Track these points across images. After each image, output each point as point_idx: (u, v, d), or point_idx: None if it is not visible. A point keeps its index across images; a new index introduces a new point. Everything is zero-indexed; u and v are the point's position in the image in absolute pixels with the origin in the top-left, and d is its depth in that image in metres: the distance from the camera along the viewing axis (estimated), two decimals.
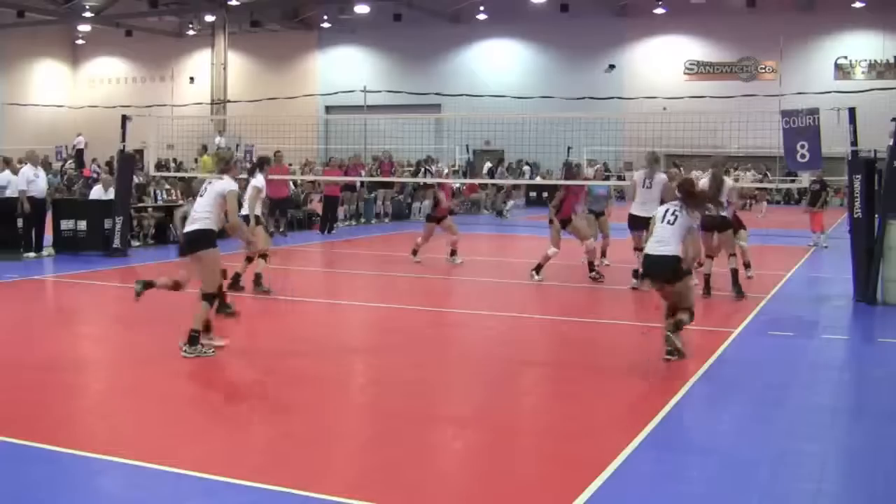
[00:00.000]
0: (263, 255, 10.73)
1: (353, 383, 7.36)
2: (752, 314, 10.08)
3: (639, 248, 10.72)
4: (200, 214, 7.56)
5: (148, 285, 7.80)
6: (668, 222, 7.58)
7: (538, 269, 12.23)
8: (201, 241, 7.49)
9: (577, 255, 13.32)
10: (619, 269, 13.52)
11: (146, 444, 5.39)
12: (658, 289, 7.81)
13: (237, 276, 10.86)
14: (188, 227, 7.60)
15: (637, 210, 11.28)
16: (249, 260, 10.86)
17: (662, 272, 7.56)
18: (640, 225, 10.80)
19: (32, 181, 14.37)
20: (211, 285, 7.58)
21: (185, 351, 7.45)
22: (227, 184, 7.60)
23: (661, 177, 11.47)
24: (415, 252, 13.95)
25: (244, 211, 10.02)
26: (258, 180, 10.59)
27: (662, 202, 9.63)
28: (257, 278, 10.85)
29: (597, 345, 8.43)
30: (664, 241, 7.54)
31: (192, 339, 7.47)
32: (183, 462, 5.02)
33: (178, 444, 5.44)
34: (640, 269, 8.25)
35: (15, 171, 14.70)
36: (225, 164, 7.88)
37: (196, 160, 28.95)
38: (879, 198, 10.94)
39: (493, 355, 8.32)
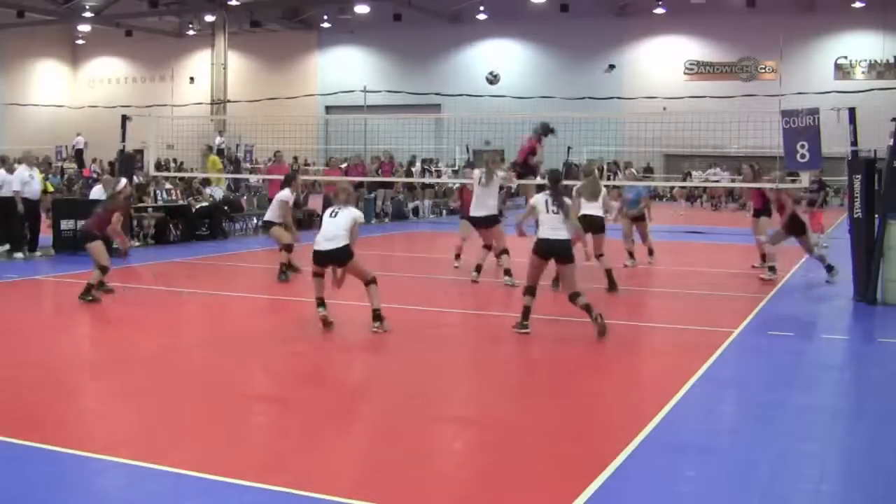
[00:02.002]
0: (288, 248, 12.19)
1: (353, 383, 7.36)
2: (752, 314, 10.08)
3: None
4: (339, 233, 8.89)
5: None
6: (553, 212, 8.67)
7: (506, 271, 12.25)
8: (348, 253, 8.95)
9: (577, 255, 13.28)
10: (619, 270, 13.52)
11: (146, 444, 5.39)
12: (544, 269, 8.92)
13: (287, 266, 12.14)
14: (334, 245, 8.84)
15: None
16: (289, 249, 12.21)
17: (562, 254, 8.65)
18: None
19: (27, 182, 14.41)
20: (366, 274, 9.12)
21: (375, 327, 8.82)
22: (357, 212, 9.20)
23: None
24: (457, 256, 13.60)
25: (269, 217, 12.49)
26: (285, 194, 12.28)
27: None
28: (282, 268, 12.09)
29: (597, 344, 8.42)
30: (558, 227, 8.63)
31: (377, 315, 8.89)
32: (183, 462, 5.02)
33: (177, 444, 5.44)
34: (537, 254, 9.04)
35: (11, 171, 14.71)
36: (349, 197, 9.41)
37: (179, 162, 28.92)
38: (879, 198, 10.94)
39: (494, 355, 8.33)
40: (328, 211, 9.11)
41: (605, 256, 11.69)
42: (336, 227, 8.83)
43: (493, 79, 18.36)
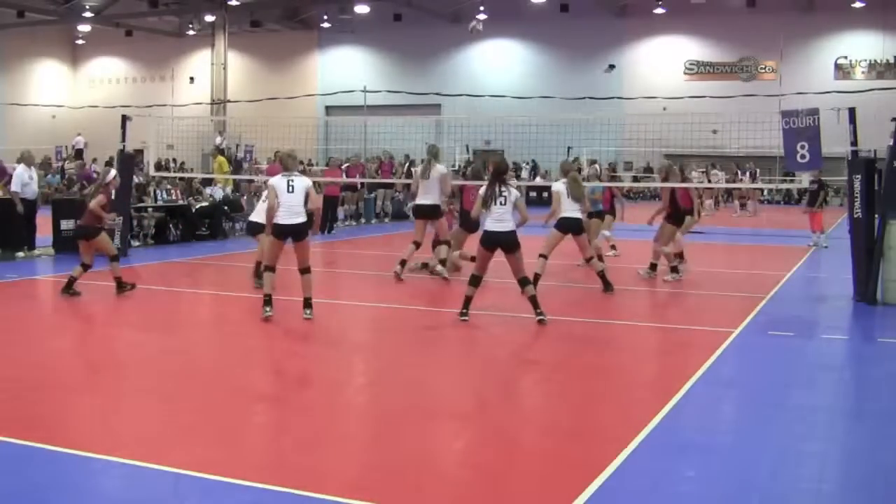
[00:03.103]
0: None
1: (353, 383, 7.36)
2: (752, 314, 10.08)
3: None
4: (300, 209, 9.03)
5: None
6: (501, 203, 8.97)
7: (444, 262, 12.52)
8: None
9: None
10: (623, 270, 13.52)
11: (146, 444, 5.39)
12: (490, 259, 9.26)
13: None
14: (297, 220, 9.00)
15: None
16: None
17: (508, 244, 8.97)
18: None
19: (27, 184, 14.45)
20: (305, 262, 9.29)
21: (308, 314, 9.08)
22: (307, 179, 9.28)
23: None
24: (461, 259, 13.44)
25: (257, 218, 11.48)
26: None
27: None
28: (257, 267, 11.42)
29: (597, 344, 8.43)
30: (503, 219, 8.96)
31: (308, 302, 9.18)
32: (183, 462, 5.02)
33: (177, 445, 5.44)
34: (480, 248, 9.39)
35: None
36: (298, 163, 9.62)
37: (178, 162, 28.79)
38: (879, 198, 10.94)
39: (493, 355, 8.33)
40: (285, 183, 9.10)
41: (595, 259, 11.61)
42: (297, 202, 9.07)
43: (475, 26, 18.48)
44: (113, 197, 11.59)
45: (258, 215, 11.38)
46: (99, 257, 10.95)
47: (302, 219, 9.06)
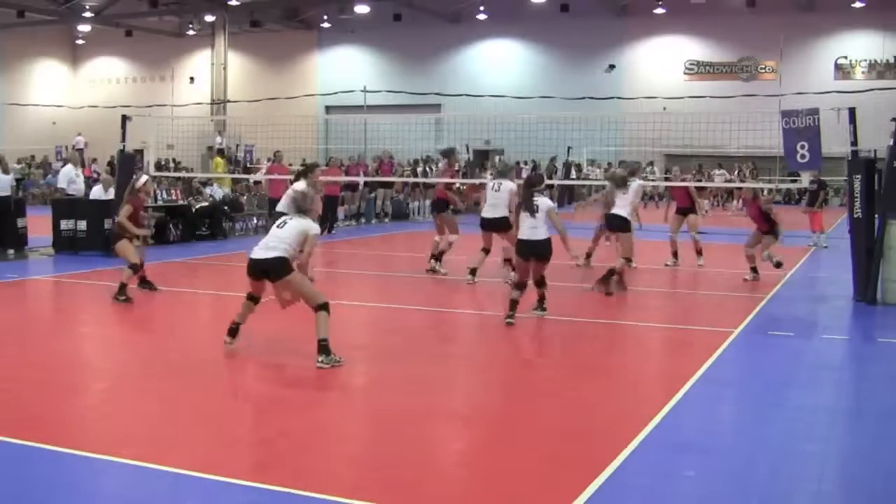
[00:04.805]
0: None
1: (353, 383, 7.35)
2: (752, 314, 10.08)
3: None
4: (277, 244, 7.48)
5: None
6: (533, 214, 9.15)
7: (438, 256, 13.01)
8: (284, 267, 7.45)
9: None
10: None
11: (146, 444, 5.39)
12: (530, 266, 9.33)
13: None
14: (268, 254, 7.46)
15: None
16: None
17: (540, 253, 9.17)
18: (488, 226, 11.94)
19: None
20: (314, 298, 7.54)
21: (321, 362, 7.26)
22: (309, 224, 7.63)
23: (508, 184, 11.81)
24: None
25: (281, 209, 10.24)
26: (300, 185, 11.10)
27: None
28: None
29: (597, 344, 8.43)
30: (535, 226, 9.13)
31: (324, 349, 7.32)
32: (183, 462, 5.01)
33: (177, 444, 5.44)
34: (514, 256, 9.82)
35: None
36: (305, 207, 7.77)
37: (177, 162, 28.84)
38: (879, 198, 10.94)
39: (493, 354, 8.33)
40: (278, 220, 7.86)
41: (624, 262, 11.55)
42: (277, 237, 7.55)
43: None
44: (146, 206, 10.73)
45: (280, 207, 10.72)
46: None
47: (275, 253, 7.44)
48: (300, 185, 11.10)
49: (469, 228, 13.81)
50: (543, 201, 9.32)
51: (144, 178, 10.75)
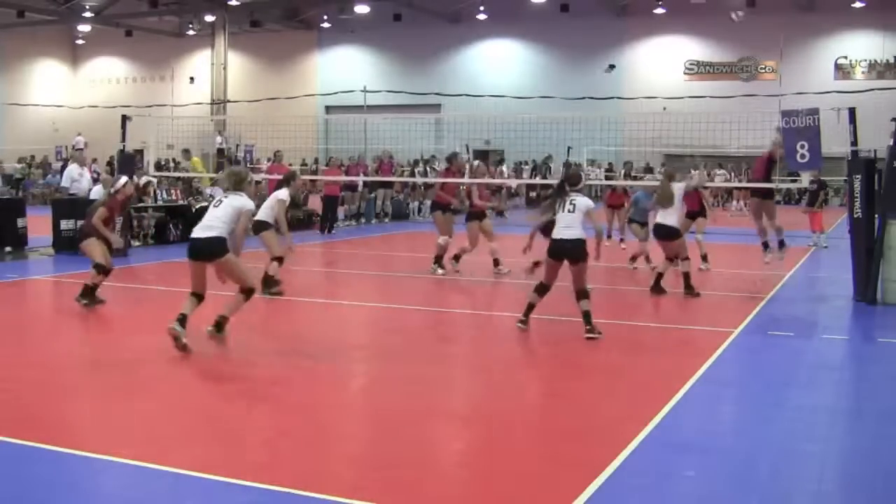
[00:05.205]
0: (279, 259, 10.96)
1: (353, 383, 7.36)
2: (752, 314, 10.08)
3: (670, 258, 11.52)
4: (214, 223, 7.86)
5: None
6: (569, 210, 8.59)
7: (437, 260, 12.87)
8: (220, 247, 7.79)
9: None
10: (619, 270, 13.53)
11: (146, 445, 5.39)
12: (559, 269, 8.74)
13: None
14: (206, 234, 7.83)
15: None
16: (279, 261, 11.05)
17: (574, 253, 8.53)
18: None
19: None
20: (245, 280, 7.96)
21: (210, 331, 7.87)
22: (244, 201, 7.98)
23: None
24: (457, 258, 13.29)
25: (262, 216, 10.78)
26: (283, 194, 11.06)
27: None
28: (267, 281, 10.85)
29: (596, 344, 8.42)
30: (571, 225, 8.55)
31: (219, 326, 7.88)
32: (183, 462, 5.01)
33: (177, 444, 5.44)
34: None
35: None
36: (239, 184, 8.16)
37: (177, 162, 28.83)
38: (879, 198, 10.94)
39: (493, 355, 8.32)
40: (215, 199, 8.14)
41: (687, 261, 11.54)
42: (214, 217, 7.88)
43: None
44: (123, 209, 10.42)
45: (261, 214, 10.95)
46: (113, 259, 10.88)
47: (212, 233, 7.77)
48: (283, 193, 11.10)
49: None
50: (582, 200, 8.69)
51: (123, 179, 10.41)
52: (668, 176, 11.76)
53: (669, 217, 11.35)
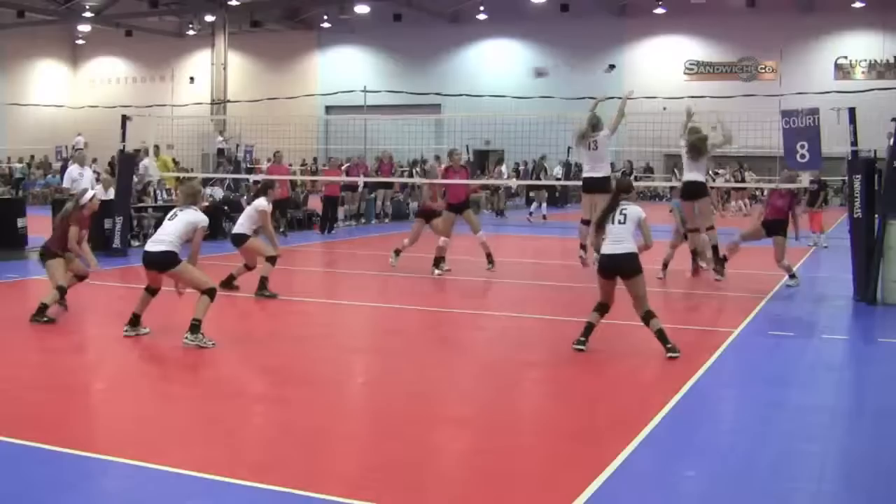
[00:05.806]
0: (272, 259, 10.93)
1: (353, 383, 7.36)
2: (752, 314, 10.08)
3: None
4: (165, 238, 8.05)
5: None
6: (620, 222, 7.94)
7: (437, 262, 12.91)
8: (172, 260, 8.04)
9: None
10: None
11: (146, 444, 5.39)
12: (614, 286, 8.15)
13: (231, 277, 11.13)
14: (156, 248, 8.06)
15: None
16: (248, 268, 11.14)
17: (629, 267, 7.88)
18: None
19: None
20: (201, 283, 8.14)
21: (187, 339, 7.89)
22: (198, 217, 8.18)
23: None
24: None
25: (241, 229, 10.95)
26: (261, 203, 10.98)
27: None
28: (263, 282, 10.86)
29: (597, 344, 8.42)
30: (622, 239, 7.90)
31: (194, 328, 7.93)
32: (183, 462, 5.02)
33: (178, 444, 5.44)
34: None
35: None
36: (193, 199, 8.39)
37: (177, 162, 28.74)
38: (879, 198, 10.94)
39: (493, 355, 8.32)
40: (170, 212, 8.32)
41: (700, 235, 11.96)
42: (166, 231, 8.09)
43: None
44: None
45: (241, 227, 11.03)
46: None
47: (162, 247, 8.00)
48: (261, 202, 11.03)
49: (468, 229, 13.76)
50: (633, 210, 7.97)
51: (91, 193, 9.76)
52: (695, 131, 11.89)
53: (697, 172, 11.49)
